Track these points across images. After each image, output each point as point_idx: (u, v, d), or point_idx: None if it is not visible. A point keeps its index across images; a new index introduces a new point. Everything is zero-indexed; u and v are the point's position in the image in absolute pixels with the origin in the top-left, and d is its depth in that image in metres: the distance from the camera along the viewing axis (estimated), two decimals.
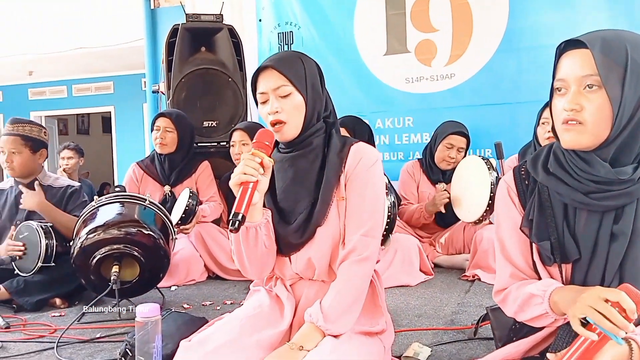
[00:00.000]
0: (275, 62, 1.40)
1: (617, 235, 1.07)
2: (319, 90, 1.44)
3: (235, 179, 1.28)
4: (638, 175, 1.06)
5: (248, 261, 1.43)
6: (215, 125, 3.64)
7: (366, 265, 1.38)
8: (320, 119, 1.46)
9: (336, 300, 1.35)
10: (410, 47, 3.86)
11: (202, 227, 3.03)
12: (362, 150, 1.44)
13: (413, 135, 3.91)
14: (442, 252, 3.15)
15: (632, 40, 1.04)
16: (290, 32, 4.20)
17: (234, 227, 1.23)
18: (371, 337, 1.44)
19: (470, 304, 2.32)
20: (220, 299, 2.57)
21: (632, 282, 1.03)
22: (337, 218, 1.41)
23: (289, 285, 1.50)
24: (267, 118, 1.40)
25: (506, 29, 3.57)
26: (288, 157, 1.46)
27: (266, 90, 1.39)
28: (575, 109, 1.04)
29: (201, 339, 1.35)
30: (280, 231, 1.43)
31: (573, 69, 1.05)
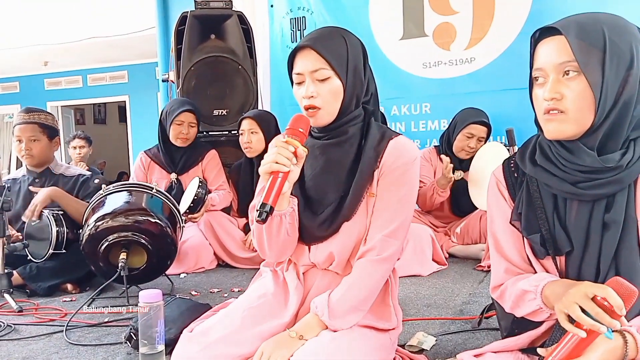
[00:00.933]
0: (315, 42, 1.29)
1: (609, 224, 1.03)
2: (360, 74, 1.34)
3: (266, 167, 1.20)
4: (626, 162, 1.01)
5: (268, 246, 1.37)
6: (225, 113, 3.60)
7: (384, 266, 1.32)
8: (359, 105, 1.36)
9: (345, 297, 1.30)
10: (428, 30, 3.73)
11: (212, 215, 3.01)
12: (402, 146, 1.35)
13: (430, 122, 3.79)
14: (457, 242, 3.07)
15: (608, 21, 1.00)
16: (303, 17, 4.12)
17: (262, 218, 1.16)
18: (377, 331, 1.39)
19: (482, 294, 2.25)
20: (228, 286, 2.55)
21: (628, 272, 1.01)
22: (364, 214, 1.34)
23: (301, 273, 1.45)
24: (302, 102, 1.32)
25: (530, 12, 3.41)
26: (320, 144, 1.37)
27: (303, 71, 1.30)
28: (556, 97, 1.01)
29: (203, 330, 1.33)
30: (304, 221, 1.37)
31: (550, 57, 1.02)
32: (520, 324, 1.20)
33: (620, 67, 0.99)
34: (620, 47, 0.98)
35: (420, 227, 2.86)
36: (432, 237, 2.81)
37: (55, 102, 8.47)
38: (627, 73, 0.99)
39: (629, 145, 1.03)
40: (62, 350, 1.74)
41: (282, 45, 4.20)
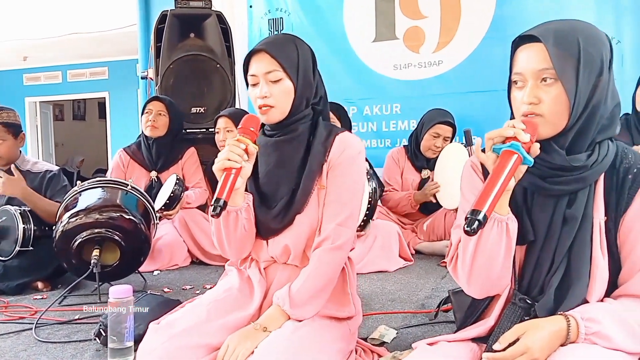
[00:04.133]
0: (268, 46, 1.39)
1: (569, 219, 1.10)
2: (310, 77, 1.44)
3: (219, 164, 1.30)
4: (591, 162, 1.09)
5: (227, 243, 1.45)
6: (203, 111, 3.65)
7: (338, 254, 1.41)
8: (309, 106, 1.46)
9: (304, 286, 1.37)
10: (398, 33, 3.87)
11: (186, 212, 3.06)
12: (347, 140, 1.45)
13: (400, 122, 3.93)
14: (423, 239, 3.18)
15: (583, 31, 1.07)
16: (281, 18, 4.20)
17: (216, 212, 1.26)
18: (337, 321, 1.46)
19: (444, 289, 2.35)
20: (200, 283, 2.60)
21: (578, 264, 1.09)
22: (316, 206, 1.43)
23: (262, 269, 1.52)
24: (256, 101, 1.42)
25: (493, 17, 3.58)
26: (272, 142, 1.46)
27: (257, 73, 1.40)
28: (534, 102, 1.07)
29: (169, 321, 1.38)
30: (260, 215, 1.45)
31: (529, 63, 1.08)
32: (471, 315, 1.28)
33: (592, 74, 1.06)
34: (593, 55, 1.05)
35: (388, 224, 2.95)
36: (399, 234, 2.91)
37: (34, 98, 8.39)
38: (597, 80, 1.07)
39: (594, 148, 1.11)
40: (31, 348, 1.75)
41: None
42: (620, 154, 1.12)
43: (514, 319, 1.13)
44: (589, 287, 1.08)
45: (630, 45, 3.28)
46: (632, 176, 1.09)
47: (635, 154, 1.13)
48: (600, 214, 1.10)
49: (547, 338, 1.01)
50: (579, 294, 1.08)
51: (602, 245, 1.09)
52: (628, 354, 1.03)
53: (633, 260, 1.08)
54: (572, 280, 1.09)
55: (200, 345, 1.31)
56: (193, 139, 3.56)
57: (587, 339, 1.01)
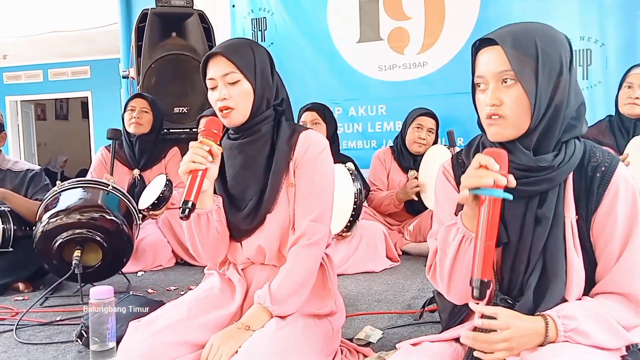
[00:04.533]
0: (224, 49, 1.42)
1: (541, 219, 1.11)
2: (268, 77, 1.46)
3: (184, 167, 1.31)
4: (558, 162, 1.10)
5: (201, 247, 1.46)
6: (186, 111, 3.64)
7: (315, 250, 1.43)
8: (270, 107, 1.48)
9: (284, 283, 1.39)
10: (383, 34, 3.87)
11: (171, 213, 3.03)
12: (311, 137, 1.48)
13: (386, 123, 3.93)
14: (410, 240, 3.18)
15: (540, 32, 1.09)
16: (264, 18, 4.19)
17: (184, 214, 1.27)
18: (319, 319, 1.47)
19: (430, 290, 2.33)
20: (185, 284, 2.58)
21: (553, 263, 1.10)
22: (286, 204, 1.45)
23: (240, 270, 1.53)
24: (216, 104, 1.43)
25: (477, 19, 3.60)
26: (237, 144, 1.48)
27: (215, 76, 1.41)
28: (496, 104, 1.08)
29: (150, 319, 1.38)
30: (231, 217, 1.47)
31: (489, 65, 1.09)
32: (455, 316, 1.30)
33: (552, 74, 1.07)
34: (551, 56, 1.07)
35: (374, 224, 2.96)
36: (385, 235, 2.91)
37: (15, 97, 8.23)
38: (557, 80, 1.08)
39: (560, 147, 1.12)
40: (11, 350, 1.73)
41: None
42: (588, 153, 1.14)
43: None
44: (566, 286, 1.09)
45: (614, 48, 3.32)
46: (600, 174, 1.11)
47: (603, 152, 1.14)
48: (571, 213, 1.12)
49: (527, 333, 1.02)
50: (557, 294, 1.09)
51: (575, 243, 1.11)
52: (608, 350, 1.04)
53: (607, 258, 1.10)
54: (550, 280, 1.10)
55: (181, 342, 1.32)
56: (176, 139, 3.52)
57: (567, 337, 1.02)
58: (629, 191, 1.10)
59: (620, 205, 1.09)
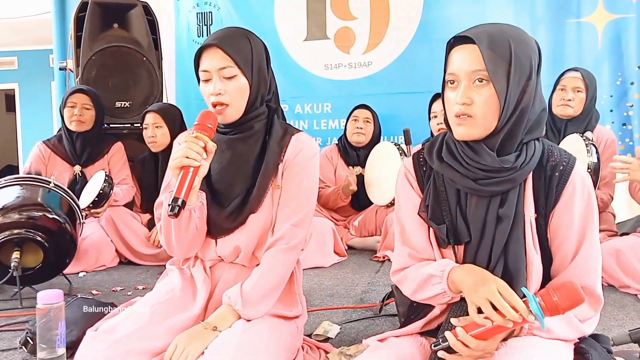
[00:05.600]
0: (221, 41, 1.35)
1: (502, 218, 1.15)
2: (264, 72, 1.42)
3: (177, 162, 1.25)
4: (520, 163, 1.14)
5: (176, 242, 1.40)
6: (128, 106, 3.50)
7: (292, 254, 1.41)
8: (264, 103, 1.44)
9: (257, 286, 1.36)
10: (329, 33, 3.92)
11: (114, 210, 2.93)
12: (304, 140, 1.44)
13: (331, 121, 3.99)
14: (355, 235, 3.25)
15: (514, 35, 1.12)
16: (210, 12, 4.12)
17: (174, 212, 1.21)
18: (285, 320, 1.46)
19: (379, 283, 2.42)
20: (131, 284, 2.51)
21: (514, 261, 1.14)
22: (270, 206, 1.41)
23: (208, 267, 1.49)
24: (209, 98, 1.37)
25: (420, 21, 3.72)
26: (226, 139, 1.43)
27: (210, 69, 1.36)
28: (466, 102, 1.10)
29: (109, 327, 1.31)
30: (212, 214, 1.41)
31: (463, 64, 1.11)
32: (416, 310, 1.32)
33: (522, 77, 1.09)
34: (522, 59, 1.09)
35: (322, 220, 2.99)
36: (333, 230, 2.96)
37: None
38: (526, 83, 1.10)
39: (522, 148, 1.15)
40: None
41: (188, 39, 4.18)
42: (547, 153, 1.18)
43: (459, 314, 1.17)
44: (526, 283, 1.14)
45: (544, 52, 3.48)
46: (558, 173, 1.15)
47: (561, 152, 1.19)
48: (530, 212, 1.16)
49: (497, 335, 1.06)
50: (517, 291, 1.14)
51: (534, 241, 1.15)
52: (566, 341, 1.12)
53: (563, 254, 1.16)
54: (511, 277, 1.13)
55: (145, 350, 1.26)
56: (117, 134, 3.40)
57: (530, 333, 1.08)
58: (584, 189, 1.15)
59: (576, 203, 1.14)
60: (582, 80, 2.71)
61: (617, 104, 3.42)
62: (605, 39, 3.41)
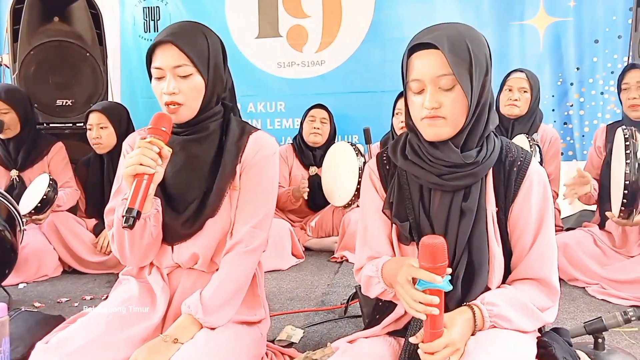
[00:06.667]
0: (176, 37, 1.28)
1: (465, 212, 1.18)
2: (220, 71, 1.36)
3: (130, 169, 1.18)
4: (481, 158, 1.17)
5: (130, 251, 1.33)
6: (70, 104, 3.32)
7: (252, 258, 1.36)
8: (219, 102, 1.39)
9: (218, 292, 1.31)
10: (282, 31, 3.88)
11: (56, 216, 2.76)
12: (262, 139, 1.40)
13: (285, 120, 3.95)
14: (312, 236, 3.22)
15: (469, 35, 1.15)
16: (157, 7, 3.99)
17: (129, 224, 1.14)
18: (248, 326, 1.43)
19: (339, 285, 2.41)
20: (78, 294, 2.38)
21: (478, 254, 1.17)
22: (228, 209, 1.36)
23: (165, 275, 1.42)
24: (162, 97, 1.30)
25: (372, 21, 3.74)
26: (180, 140, 1.36)
27: (163, 67, 1.29)
28: (435, 107, 1.12)
29: (60, 339, 1.23)
30: (167, 220, 1.35)
31: (427, 69, 1.13)
32: (381, 310, 1.31)
33: (481, 74, 1.13)
34: (479, 57, 1.13)
35: (280, 222, 2.95)
36: (290, 232, 2.92)
37: None
38: (484, 79, 1.15)
39: (483, 143, 1.19)
40: None
41: (133, 34, 4.02)
42: (505, 148, 1.23)
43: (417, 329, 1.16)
44: (489, 275, 1.17)
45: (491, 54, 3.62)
46: (516, 168, 1.20)
47: (517, 148, 1.24)
48: (491, 206, 1.20)
49: (462, 328, 1.08)
50: (481, 283, 1.17)
51: (496, 234, 1.19)
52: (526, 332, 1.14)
53: (521, 246, 1.20)
54: (475, 271, 1.17)
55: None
56: (59, 134, 3.21)
57: (493, 322, 1.10)
58: (540, 184, 1.20)
59: (533, 197, 1.19)
60: (527, 81, 2.81)
61: (559, 103, 3.57)
62: (546, 41, 3.55)
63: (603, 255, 2.33)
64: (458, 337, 1.06)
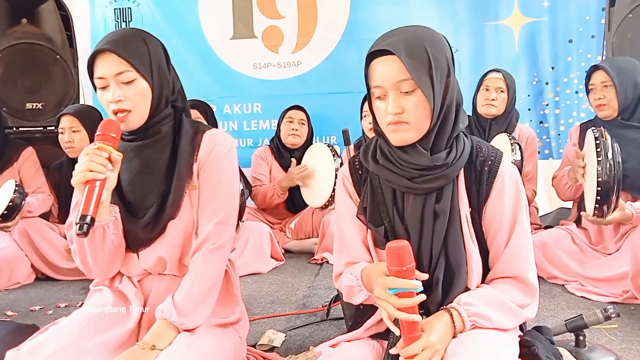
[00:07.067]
0: (114, 45, 1.27)
1: (439, 214, 1.17)
2: (165, 72, 1.35)
3: (80, 176, 1.17)
4: (451, 159, 1.17)
5: (93, 263, 1.32)
6: (41, 107, 3.24)
7: (221, 254, 1.35)
8: (168, 104, 1.38)
9: (190, 293, 1.29)
10: (257, 32, 3.84)
11: (28, 222, 2.68)
12: (217, 136, 1.40)
13: (262, 121, 3.91)
14: (292, 237, 3.20)
15: (427, 37, 1.14)
16: (129, 8, 3.91)
17: (83, 231, 1.13)
18: (227, 329, 1.42)
19: (320, 287, 2.39)
20: (52, 302, 2.31)
21: (454, 255, 1.17)
22: (189, 209, 1.35)
23: (136, 282, 1.40)
24: (109, 106, 1.29)
25: (348, 21, 3.74)
26: (133, 146, 1.35)
27: (105, 75, 1.27)
28: (398, 112, 1.12)
29: (33, 346, 1.20)
30: (128, 227, 1.34)
31: (387, 75, 1.12)
32: (363, 312, 1.30)
33: (443, 76, 1.13)
34: (440, 59, 1.12)
35: (259, 225, 2.92)
36: (270, 234, 2.89)
37: None
38: (447, 80, 1.14)
39: (452, 144, 1.18)
40: None
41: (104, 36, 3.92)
42: (475, 148, 1.23)
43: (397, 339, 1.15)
44: (468, 276, 1.17)
45: (466, 54, 3.66)
46: (487, 168, 1.20)
47: (488, 147, 1.24)
48: (465, 207, 1.20)
49: (441, 331, 1.08)
50: (461, 284, 1.17)
51: (471, 235, 1.19)
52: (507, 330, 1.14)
53: (497, 245, 1.20)
54: (454, 272, 1.17)
55: None
56: (29, 138, 3.12)
57: (473, 321, 1.10)
58: (512, 181, 1.20)
59: (506, 195, 1.19)
60: (503, 81, 2.84)
61: (534, 103, 3.62)
62: (521, 41, 3.59)
63: (581, 253, 2.36)
64: (436, 339, 1.06)
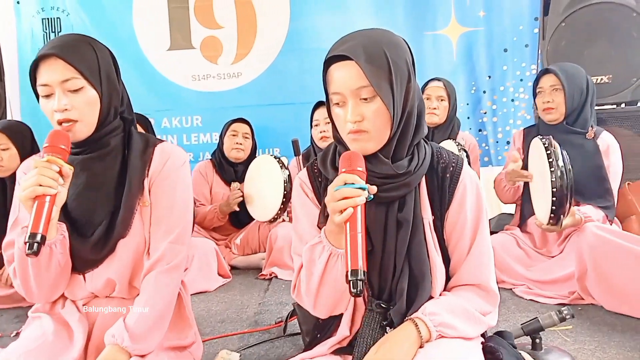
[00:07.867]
0: (61, 50, 1.19)
1: (402, 222, 1.15)
2: (114, 82, 1.28)
3: (29, 191, 1.08)
4: (413, 167, 1.15)
5: (36, 285, 1.22)
6: None
7: (175, 275, 1.29)
8: (117, 116, 1.30)
9: (143, 316, 1.22)
10: (195, 43, 3.74)
11: None
12: (169, 150, 1.34)
13: (202, 134, 3.80)
14: (238, 253, 3.09)
15: (386, 41, 1.11)
16: (58, 18, 3.70)
17: (33, 250, 1.05)
18: (181, 352, 1.35)
19: (270, 303, 2.32)
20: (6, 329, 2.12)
21: (418, 264, 1.14)
22: (140, 227, 1.28)
23: (81, 306, 1.31)
24: (53, 116, 1.20)
25: (288, 30, 3.70)
26: (80, 160, 1.26)
27: (50, 82, 1.19)
28: (358, 119, 1.09)
29: None
30: (75, 245, 1.25)
31: (345, 82, 1.09)
32: (322, 327, 1.26)
33: (403, 82, 1.10)
34: (399, 64, 1.09)
35: (205, 241, 2.81)
36: (216, 251, 2.79)
37: None
38: (407, 86, 1.11)
39: (413, 152, 1.17)
40: None
41: (32, 47, 3.70)
42: (436, 155, 1.22)
43: (373, 324, 1.16)
44: (432, 285, 1.15)
45: None
46: (449, 174, 1.19)
47: (448, 153, 1.23)
48: (427, 214, 1.18)
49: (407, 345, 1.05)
50: (425, 293, 1.15)
51: (435, 243, 1.18)
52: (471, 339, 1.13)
53: (459, 252, 1.19)
54: (418, 282, 1.14)
55: None
56: None
57: (439, 331, 1.08)
58: (473, 187, 1.20)
59: (468, 202, 1.18)
60: (444, 90, 2.89)
61: (473, 111, 3.72)
62: (459, 51, 3.69)
63: (526, 256, 2.42)
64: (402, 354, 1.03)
